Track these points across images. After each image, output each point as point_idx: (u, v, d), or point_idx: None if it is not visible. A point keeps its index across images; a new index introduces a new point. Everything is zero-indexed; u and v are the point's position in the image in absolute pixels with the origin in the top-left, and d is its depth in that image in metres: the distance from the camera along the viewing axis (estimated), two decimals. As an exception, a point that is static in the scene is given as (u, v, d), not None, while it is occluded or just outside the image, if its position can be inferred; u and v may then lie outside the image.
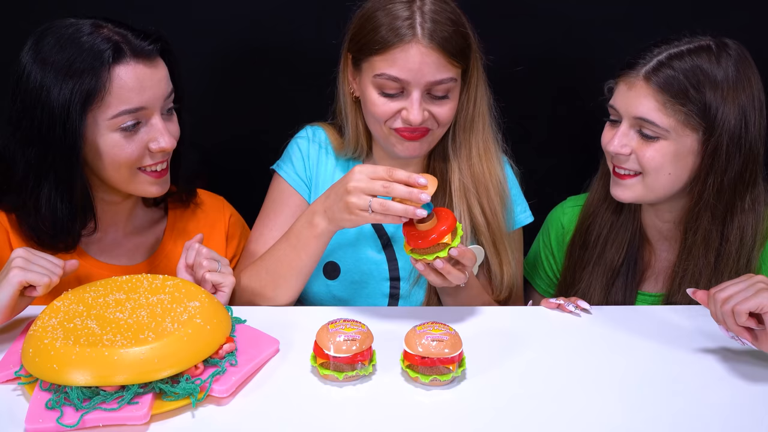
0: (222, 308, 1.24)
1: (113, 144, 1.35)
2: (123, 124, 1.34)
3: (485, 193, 1.53)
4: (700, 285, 1.45)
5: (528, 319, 1.41)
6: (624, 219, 1.56)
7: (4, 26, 1.80)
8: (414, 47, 1.40)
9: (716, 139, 1.39)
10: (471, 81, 1.50)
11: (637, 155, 1.43)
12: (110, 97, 1.32)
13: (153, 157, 1.39)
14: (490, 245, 1.53)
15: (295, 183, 1.59)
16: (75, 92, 1.30)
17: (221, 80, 1.93)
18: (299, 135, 1.64)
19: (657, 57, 1.40)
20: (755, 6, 1.87)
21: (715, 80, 1.38)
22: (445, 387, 1.18)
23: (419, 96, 1.42)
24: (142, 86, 1.34)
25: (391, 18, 1.41)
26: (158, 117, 1.38)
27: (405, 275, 1.57)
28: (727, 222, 1.44)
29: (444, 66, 1.41)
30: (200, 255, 1.36)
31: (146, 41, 1.36)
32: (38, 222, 1.38)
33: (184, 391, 1.10)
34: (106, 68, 1.31)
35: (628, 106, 1.42)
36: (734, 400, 1.17)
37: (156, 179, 1.42)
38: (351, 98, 1.53)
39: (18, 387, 1.16)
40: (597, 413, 1.13)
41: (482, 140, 1.54)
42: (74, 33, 1.33)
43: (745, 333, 1.20)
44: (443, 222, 1.28)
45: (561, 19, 1.89)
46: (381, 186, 1.27)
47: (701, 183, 1.42)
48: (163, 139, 1.37)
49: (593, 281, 1.56)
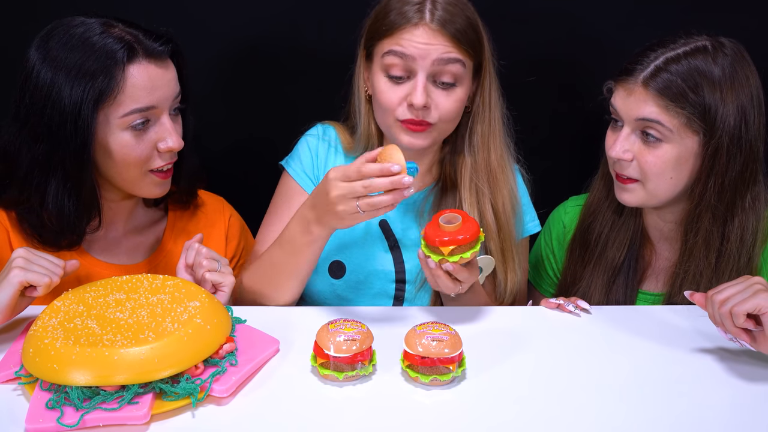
0: (222, 308, 1.25)
1: (123, 143, 1.36)
2: (133, 123, 1.35)
3: (500, 200, 1.53)
4: (701, 285, 1.45)
5: (528, 319, 1.41)
6: (625, 218, 1.56)
7: (7, 23, 1.80)
8: (421, 28, 1.40)
9: (717, 140, 1.38)
10: (485, 82, 1.50)
11: (639, 161, 1.42)
12: (123, 95, 1.33)
13: (162, 157, 1.40)
14: (499, 252, 1.53)
15: (302, 180, 1.59)
16: (87, 91, 1.31)
17: (224, 82, 1.93)
18: (309, 132, 1.64)
19: (654, 62, 1.39)
20: (755, 6, 1.87)
21: (713, 81, 1.38)
22: (445, 387, 1.18)
23: (424, 78, 1.42)
24: (154, 86, 1.35)
25: (402, 3, 1.43)
26: (167, 117, 1.39)
27: (411, 278, 1.57)
28: (728, 222, 1.44)
29: (451, 47, 1.41)
30: (200, 255, 1.37)
31: (158, 42, 1.37)
32: (42, 218, 1.39)
33: (184, 391, 1.10)
34: (120, 67, 1.32)
35: (629, 110, 1.42)
36: (734, 400, 1.17)
37: (162, 180, 1.43)
38: (365, 96, 1.54)
39: (18, 387, 1.16)
40: (597, 413, 1.13)
41: (498, 146, 1.54)
42: (85, 32, 1.34)
43: (744, 334, 1.20)
44: (462, 232, 1.28)
45: (562, 18, 1.89)
46: (361, 187, 1.25)
47: (702, 185, 1.42)
48: (171, 138, 1.38)
49: (594, 280, 1.56)
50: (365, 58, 1.52)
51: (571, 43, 1.91)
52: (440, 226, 1.30)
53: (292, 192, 1.60)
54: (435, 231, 1.30)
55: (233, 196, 1.69)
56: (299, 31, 1.87)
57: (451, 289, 1.34)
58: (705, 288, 1.39)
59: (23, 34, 1.41)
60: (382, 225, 1.57)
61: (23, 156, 1.36)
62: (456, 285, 1.34)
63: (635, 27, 1.85)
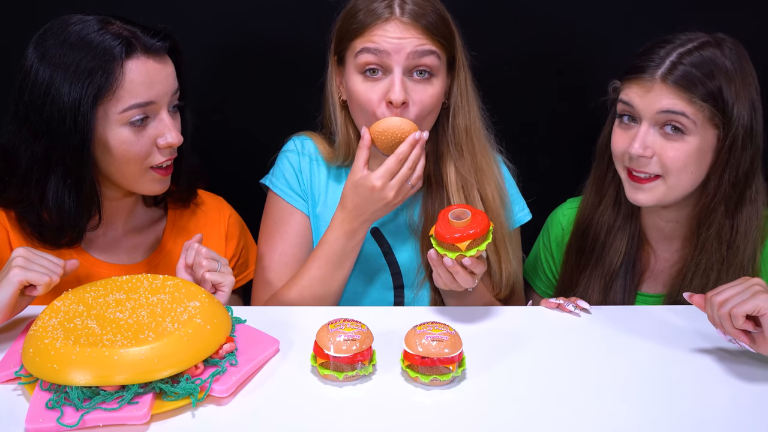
0: (222, 308, 1.25)
1: (123, 139, 1.36)
2: (132, 118, 1.35)
3: (488, 192, 1.52)
4: (711, 279, 1.45)
5: (528, 319, 1.41)
6: (622, 222, 1.55)
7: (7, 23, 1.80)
8: (392, 23, 1.40)
9: (733, 133, 1.39)
10: (459, 75, 1.49)
11: (660, 156, 1.41)
12: (121, 90, 1.33)
13: (162, 153, 1.40)
14: (492, 243, 1.52)
15: (292, 200, 1.57)
16: (86, 87, 1.31)
17: (223, 81, 1.93)
18: (287, 148, 1.61)
19: (668, 58, 1.39)
20: (755, 4, 1.87)
21: (727, 73, 1.39)
22: (445, 387, 1.18)
23: (400, 73, 1.41)
24: (152, 81, 1.36)
25: (369, 2, 1.42)
26: (166, 113, 1.39)
27: (409, 283, 1.57)
28: (737, 214, 1.45)
29: (425, 39, 1.41)
30: (200, 255, 1.36)
31: (156, 38, 1.37)
32: (42, 216, 1.39)
33: (184, 391, 1.10)
34: (119, 63, 1.33)
35: (650, 105, 1.40)
36: (734, 401, 1.17)
37: (162, 177, 1.43)
38: (339, 103, 1.52)
39: (18, 387, 1.16)
40: (597, 413, 1.13)
41: (480, 138, 1.53)
42: (82, 30, 1.34)
43: (743, 336, 1.20)
44: (474, 226, 1.29)
45: (562, 19, 1.89)
46: (407, 169, 1.39)
47: (718, 178, 1.43)
48: (170, 134, 1.38)
49: (592, 284, 1.56)
50: (336, 63, 1.50)
51: (573, 44, 1.91)
52: (451, 222, 1.30)
53: (286, 213, 1.57)
54: (447, 228, 1.30)
55: (230, 197, 1.69)
56: (300, 28, 1.87)
57: (471, 283, 1.34)
58: (714, 282, 1.40)
59: (23, 34, 1.41)
60: (374, 232, 1.56)
61: (23, 154, 1.37)
62: (474, 278, 1.34)
63: (635, 26, 1.85)
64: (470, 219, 1.29)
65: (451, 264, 1.31)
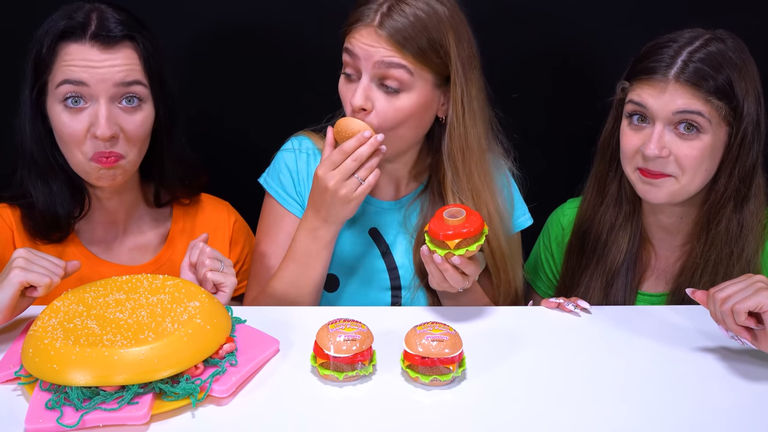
0: (222, 308, 1.25)
1: (57, 116, 1.39)
2: (65, 95, 1.37)
3: (484, 211, 1.48)
4: (720, 274, 1.46)
5: (528, 319, 1.41)
6: (624, 221, 1.55)
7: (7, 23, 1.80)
8: (369, 29, 1.39)
9: (744, 128, 1.40)
10: (455, 96, 1.43)
11: (676, 156, 1.41)
12: (56, 66, 1.38)
13: (94, 144, 1.39)
14: (489, 258, 1.51)
15: (286, 202, 1.56)
16: (51, 32, 1.39)
17: (223, 81, 1.93)
18: (284, 148, 1.61)
19: (679, 57, 1.39)
20: (756, 4, 1.87)
21: (736, 66, 1.40)
22: (445, 387, 1.18)
23: (367, 80, 1.40)
24: (88, 65, 1.37)
25: (367, 1, 1.42)
26: (105, 102, 1.38)
27: (406, 284, 1.57)
28: (744, 208, 1.46)
29: (393, 52, 1.38)
30: (203, 254, 1.36)
31: (119, 26, 1.39)
32: (32, 210, 1.43)
33: (184, 391, 1.10)
34: (57, 40, 1.38)
35: (665, 105, 1.39)
36: (735, 400, 1.17)
37: (104, 168, 1.40)
38: None
39: (18, 387, 1.16)
40: (597, 413, 1.13)
41: (477, 161, 1.48)
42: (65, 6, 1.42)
43: (745, 332, 1.20)
44: (467, 225, 1.29)
45: (563, 18, 1.89)
46: (351, 162, 1.38)
47: (728, 173, 1.43)
48: (99, 126, 1.37)
49: (592, 284, 1.56)
50: None
51: (573, 43, 1.91)
52: (445, 220, 1.30)
53: (279, 216, 1.57)
54: (440, 225, 1.30)
55: (233, 196, 1.69)
56: (301, 26, 1.87)
57: (461, 283, 1.34)
58: (721, 278, 1.40)
59: (23, 34, 1.41)
60: (372, 233, 1.56)
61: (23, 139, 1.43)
62: (465, 279, 1.34)
63: (635, 27, 1.85)
64: (464, 218, 1.30)
65: (440, 261, 1.31)
